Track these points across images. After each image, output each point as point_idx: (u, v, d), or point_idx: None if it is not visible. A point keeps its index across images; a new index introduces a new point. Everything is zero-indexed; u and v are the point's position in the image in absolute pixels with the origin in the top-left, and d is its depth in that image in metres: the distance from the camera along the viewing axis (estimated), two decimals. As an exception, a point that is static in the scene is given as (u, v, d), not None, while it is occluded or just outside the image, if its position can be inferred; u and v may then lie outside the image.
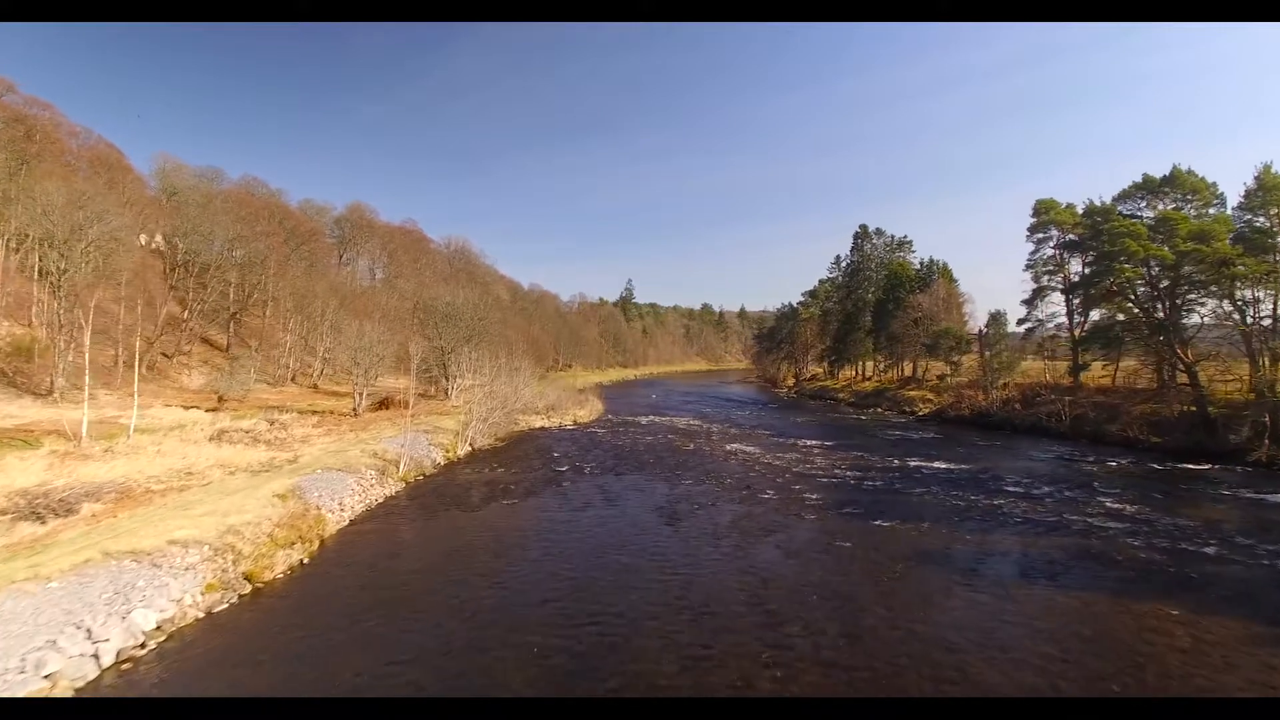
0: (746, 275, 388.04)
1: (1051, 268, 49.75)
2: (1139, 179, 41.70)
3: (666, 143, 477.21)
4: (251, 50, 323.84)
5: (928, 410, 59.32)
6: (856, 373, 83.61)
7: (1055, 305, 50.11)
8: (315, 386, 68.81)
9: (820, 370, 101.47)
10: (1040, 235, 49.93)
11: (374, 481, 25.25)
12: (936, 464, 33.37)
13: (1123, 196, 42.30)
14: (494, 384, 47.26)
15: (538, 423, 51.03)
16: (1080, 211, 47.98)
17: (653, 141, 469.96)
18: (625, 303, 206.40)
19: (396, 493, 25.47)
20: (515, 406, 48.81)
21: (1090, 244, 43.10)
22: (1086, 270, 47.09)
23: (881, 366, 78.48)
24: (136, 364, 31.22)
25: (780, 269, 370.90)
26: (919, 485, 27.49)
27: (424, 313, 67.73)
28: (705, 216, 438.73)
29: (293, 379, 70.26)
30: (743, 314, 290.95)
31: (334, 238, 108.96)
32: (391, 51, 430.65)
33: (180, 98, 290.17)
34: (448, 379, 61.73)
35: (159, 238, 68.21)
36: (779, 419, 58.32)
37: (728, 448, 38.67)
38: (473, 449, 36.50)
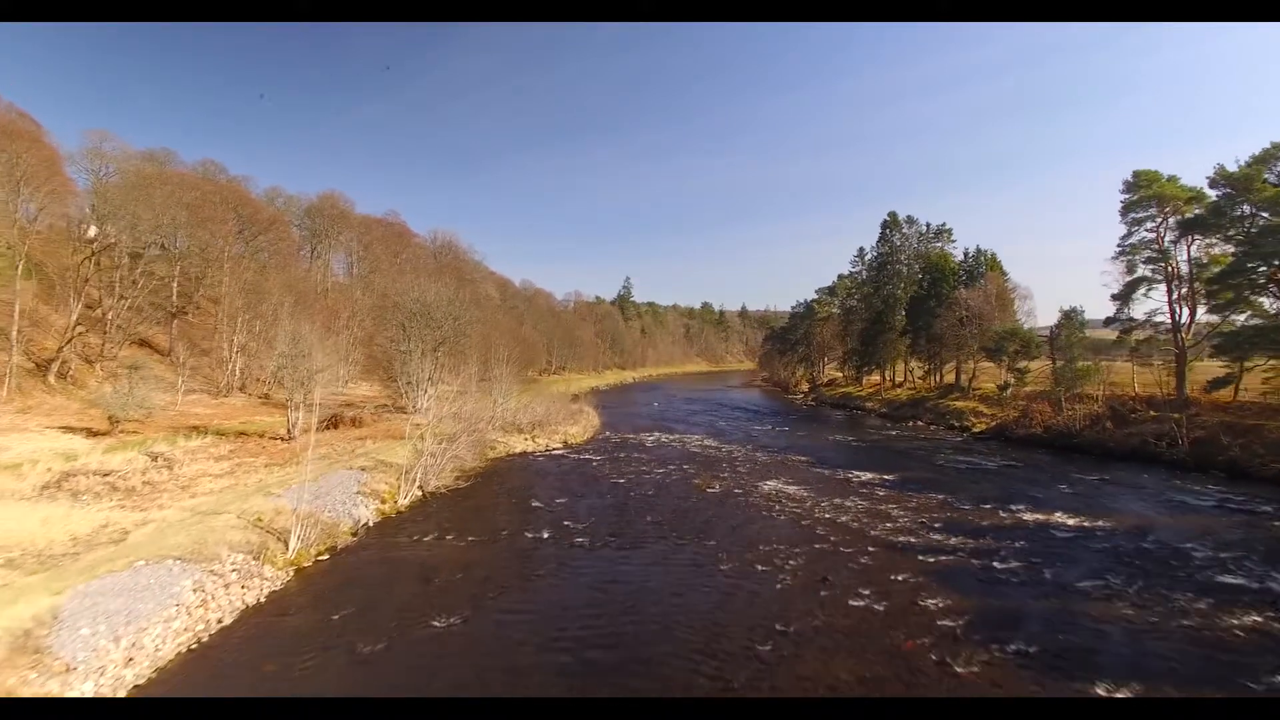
0: (748, 274, 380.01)
1: (1152, 254, 40.47)
2: (1280, 139, 32.55)
3: (666, 141, 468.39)
4: (250, 49, 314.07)
5: (984, 426, 50.02)
6: (884, 378, 74.33)
7: (1155, 300, 40.90)
8: (266, 396, 59.30)
9: (840, 375, 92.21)
10: (1137, 214, 40.57)
11: (233, 577, 15.75)
12: (1058, 516, 24.08)
13: (1261, 160, 33.14)
14: (461, 401, 37.76)
15: (519, 445, 41.60)
16: (1184, 185, 38.85)
17: (652, 140, 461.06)
18: (623, 301, 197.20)
19: (270, 595, 15.96)
20: (489, 427, 39.43)
21: (1215, 223, 33.96)
22: (1196, 256, 38.12)
23: (918, 372, 69.15)
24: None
25: (781, 268, 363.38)
26: (1076, 567, 18.14)
27: (390, 310, 58.28)
28: (705, 215, 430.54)
29: (242, 388, 60.71)
30: (744, 313, 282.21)
31: (305, 230, 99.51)
32: (390, 51, 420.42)
33: (179, 97, 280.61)
34: (416, 389, 52.44)
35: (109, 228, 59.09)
36: (809, 437, 48.98)
37: (765, 488, 29.28)
38: (423, 494, 27.03)
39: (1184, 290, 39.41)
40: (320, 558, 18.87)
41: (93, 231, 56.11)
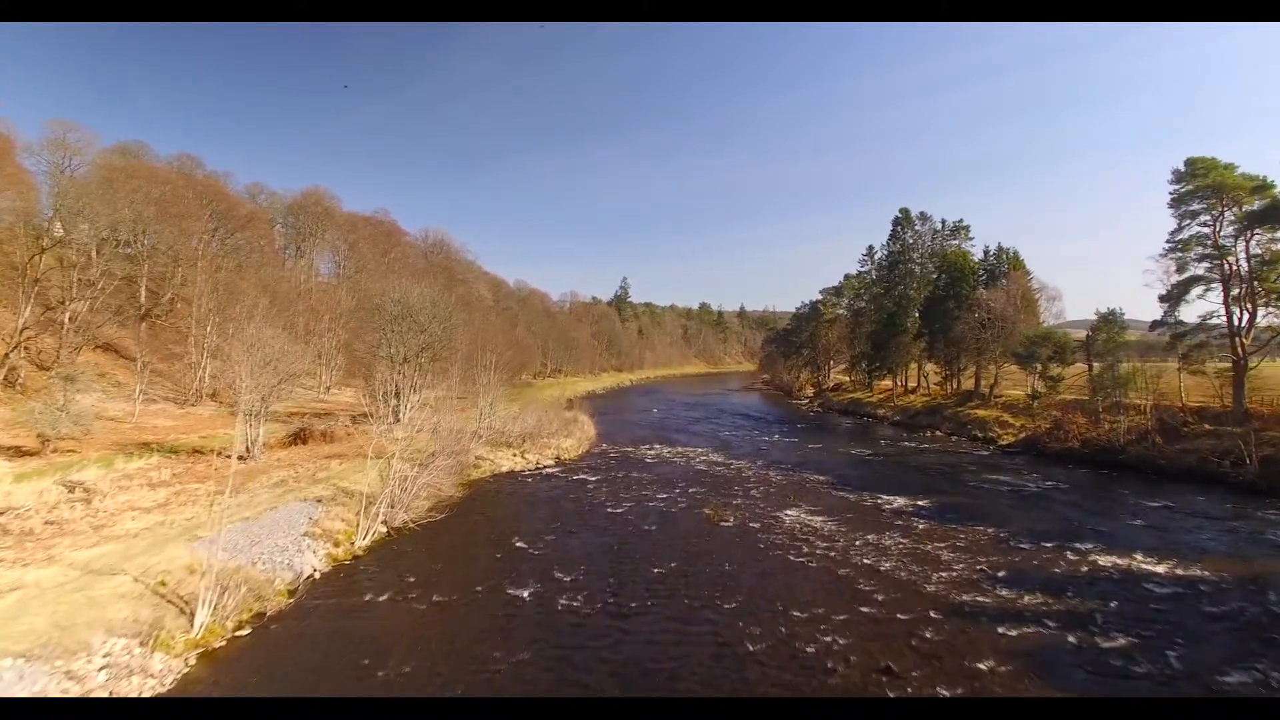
0: (746, 274, 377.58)
1: (1206, 250, 36.60)
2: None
3: (666, 141, 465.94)
4: (250, 50, 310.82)
5: (1012, 439, 46.18)
6: (896, 383, 70.36)
7: (1210, 302, 37.01)
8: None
9: (847, 379, 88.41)
10: (1191, 207, 36.69)
11: (101, 679, 11.66)
12: (1140, 560, 20.19)
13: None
14: (441, 413, 33.75)
15: (506, 463, 37.54)
16: (1247, 174, 35.06)
17: (652, 140, 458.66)
18: (620, 302, 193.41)
19: (153, 696, 11.90)
20: (472, 442, 35.46)
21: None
22: (1258, 253, 34.38)
23: (934, 377, 65.25)
24: None
25: (780, 269, 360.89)
26: (1204, 646, 14.22)
27: (370, 312, 54.15)
28: (704, 215, 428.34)
29: (213, 395, 56.45)
30: (742, 314, 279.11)
31: (289, 228, 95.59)
32: (391, 51, 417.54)
33: (179, 97, 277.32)
34: (398, 398, 48.47)
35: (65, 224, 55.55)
36: (823, 450, 45.08)
37: (786, 520, 25.33)
38: (388, 530, 22.99)
39: (1243, 290, 35.63)
40: (240, 632, 14.80)
41: (59, 228, 52.30)
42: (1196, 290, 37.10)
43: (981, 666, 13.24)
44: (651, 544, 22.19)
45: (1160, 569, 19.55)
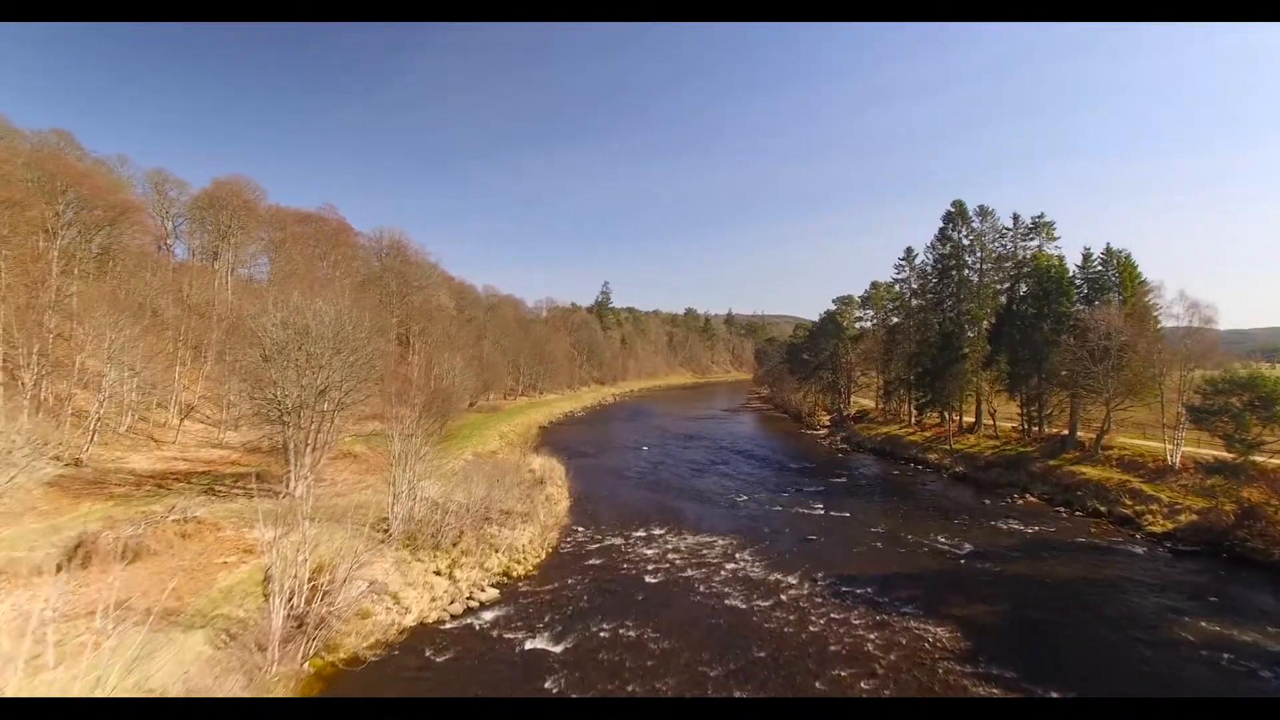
0: (736, 278, 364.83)
1: None
2: None
3: (657, 142, 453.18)
4: (231, 52, 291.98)
5: (1167, 524, 32.18)
6: (946, 419, 56.28)
7: None
8: (77, 462, 39.37)
9: (871, 405, 74.43)
10: None
11: None
12: None
13: None
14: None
15: (415, 602, 22.40)
16: None
17: (641, 141, 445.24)
18: (601, 308, 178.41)
19: None
20: (356, 571, 20.40)
21: None
22: None
23: (1009, 418, 51.13)
24: None
25: (773, 272, 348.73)
26: None
27: (247, 339, 38.63)
28: (691, 218, 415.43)
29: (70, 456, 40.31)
30: (730, 320, 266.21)
31: (203, 224, 79.32)
32: (368, 52, 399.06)
33: (165, 100, 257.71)
34: (291, 457, 33.57)
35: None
36: (895, 542, 30.74)
37: None
38: None
39: None
40: None
41: None
42: None
43: None
44: None
45: None
